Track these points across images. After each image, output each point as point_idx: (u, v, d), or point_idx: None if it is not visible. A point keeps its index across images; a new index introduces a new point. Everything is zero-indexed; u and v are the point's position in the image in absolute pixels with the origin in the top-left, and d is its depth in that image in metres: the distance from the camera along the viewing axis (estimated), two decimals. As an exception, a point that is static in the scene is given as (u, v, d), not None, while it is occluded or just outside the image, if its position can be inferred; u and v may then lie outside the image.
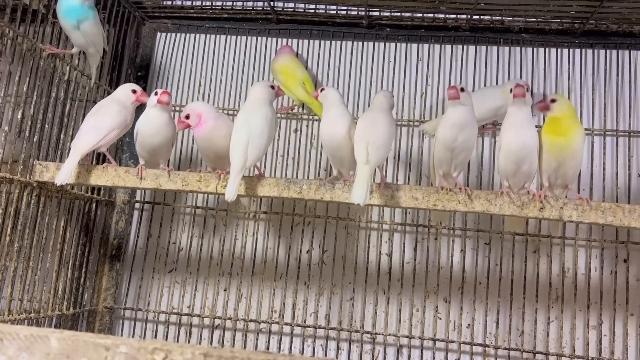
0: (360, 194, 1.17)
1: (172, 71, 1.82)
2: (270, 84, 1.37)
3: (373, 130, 1.25)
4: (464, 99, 1.27)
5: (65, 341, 0.70)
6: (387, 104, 1.33)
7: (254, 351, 0.74)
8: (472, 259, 1.59)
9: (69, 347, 0.70)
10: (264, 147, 1.30)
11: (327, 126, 1.33)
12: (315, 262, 1.65)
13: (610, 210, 1.24)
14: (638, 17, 1.53)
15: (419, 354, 1.57)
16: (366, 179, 1.18)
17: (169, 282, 1.70)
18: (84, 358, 0.70)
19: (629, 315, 1.51)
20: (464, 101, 1.27)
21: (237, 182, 1.23)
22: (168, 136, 1.40)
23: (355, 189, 1.18)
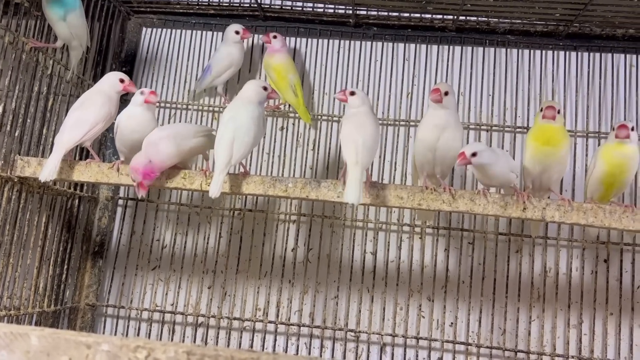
0: (354, 194, 1.17)
1: (158, 67, 1.80)
2: (263, 85, 1.36)
3: (361, 131, 1.25)
4: (447, 102, 1.28)
5: (46, 339, 0.69)
6: (368, 104, 1.34)
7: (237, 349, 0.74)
8: (455, 258, 1.60)
9: (49, 345, 0.69)
10: (250, 145, 1.29)
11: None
12: (300, 261, 1.65)
13: (592, 211, 1.25)
14: (621, 21, 1.56)
15: (402, 353, 1.57)
16: (358, 179, 1.19)
17: (152, 279, 1.68)
18: (65, 356, 0.69)
19: (608, 315, 1.53)
20: (447, 104, 1.28)
21: (221, 179, 1.23)
22: (148, 133, 1.38)
23: (348, 189, 1.18)
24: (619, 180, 1.29)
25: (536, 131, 1.31)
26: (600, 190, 1.32)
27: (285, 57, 1.65)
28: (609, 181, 1.29)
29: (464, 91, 1.69)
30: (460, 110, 1.67)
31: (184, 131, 1.36)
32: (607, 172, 1.29)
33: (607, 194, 1.32)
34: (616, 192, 1.32)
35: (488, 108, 1.67)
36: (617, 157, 1.29)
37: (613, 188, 1.30)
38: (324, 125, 1.72)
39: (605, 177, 1.30)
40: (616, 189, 1.31)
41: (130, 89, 1.41)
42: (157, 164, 1.29)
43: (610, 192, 1.31)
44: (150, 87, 1.78)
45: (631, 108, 1.63)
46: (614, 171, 1.29)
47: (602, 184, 1.31)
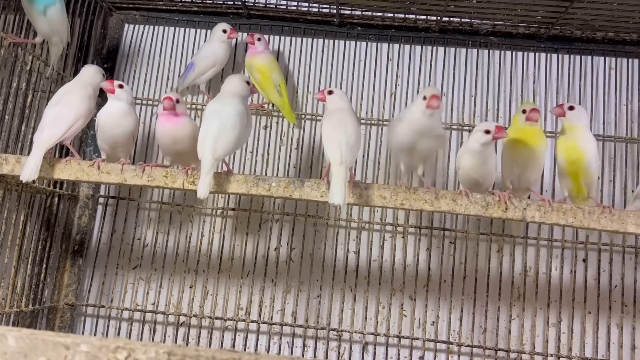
0: (339, 194, 1.16)
1: (140, 64, 1.78)
2: (246, 79, 1.36)
3: (344, 130, 1.25)
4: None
5: (23, 340, 0.68)
6: (347, 102, 1.34)
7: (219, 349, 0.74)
8: (437, 257, 1.61)
9: (27, 346, 0.68)
10: (235, 142, 1.28)
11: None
12: (282, 260, 1.65)
13: (571, 211, 1.27)
14: (601, 24, 1.58)
15: (384, 351, 1.58)
16: (344, 179, 1.18)
17: (133, 278, 1.67)
18: (43, 357, 0.68)
19: (586, 314, 1.56)
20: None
21: (209, 179, 1.21)
22: (129, 129, 1.37)
23: (333, 190, 1.17)
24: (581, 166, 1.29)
25: (516, 132, 1.32)
26: (570, 184, 1.32)
27: (269, 57, 1.64)
28: (572, 170, 1.30)
29: (446, 92, 1.70)
30: (443, 111, 1.68)
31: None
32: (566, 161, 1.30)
33: (578, 186, 1.32)
34: (585, 181, 1.31)
35: (470, 109, 1.69)
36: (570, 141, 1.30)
37: (579, 177, 1.30)
38: (308, 124, 1.72)
39: (567, 166, 1.30)
40: (583, 177, 1.30)
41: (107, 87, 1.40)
42: None
43: (579, 182, 1.31)
44: (132, 84, 1.76)
45: (610, 110, 1.66)
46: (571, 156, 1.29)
47: (568, 176, 1.31)
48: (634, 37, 1.64)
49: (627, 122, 1.64)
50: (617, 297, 1.56)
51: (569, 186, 1.33)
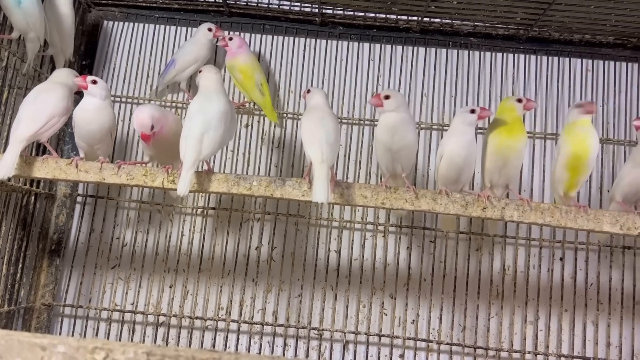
0: (322, 193, 1.17)
1: (119, 61, 1.76)
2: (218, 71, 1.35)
3: (324, 129, 1.25)
4: (388, 105, 1.29)
5: (-2, 341, 0.67)
6: (326, 101, 1.35)
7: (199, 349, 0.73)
8: (417, 256, 1.63)
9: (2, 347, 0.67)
10: (220, 141, 1.27)
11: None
12: (264, 259, 1.64)
13: (549, 211, 1.29)
14: (578, 27, 1.61)
15: (364, 350, 1.59)
16: (325, 177, 1.19)
17: (111, 278, 1.65)
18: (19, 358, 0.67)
19: (563, 311, 1.58)
20: (389, 107, 1.29)
21: (189, 177, 1.20)
22: (106, 126, 1.35)
23: (316, 188, 1.18)
24: (584, 162, 1.31)
25: (500, 123, 1.33)
26: (568, 178, 1.33)
27: (250, 57, 1.63)
28: (575, 164, 1.32)
29: (427, 92, 1.71)
30: (424, 111, 1.70)
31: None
32: (571, 154, 1.31)
33: (574, 181, 1.33)
34: (581, 178, 1.33)
35: (451, 109, 1.70)
36: (582, 134, 1.31)
37: (578, 174, 1.32)
38: (290, 123, 1.72)
39: (570, 159, 1.31)
40: (580, 174, 1.32)
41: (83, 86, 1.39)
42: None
43: (577, 177, 1.33)
44: (112, 81, 1.74)
45: (587, 111, 1.68)
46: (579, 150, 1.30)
47: (567, 170, 1.32)
48: (610, 40, 1.67)
49: (602, 124, 1.68)
50: (592, 295, 1.59)
51: (565, 181, 1.34)
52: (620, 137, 1.65)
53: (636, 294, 1.58)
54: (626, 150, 1.64)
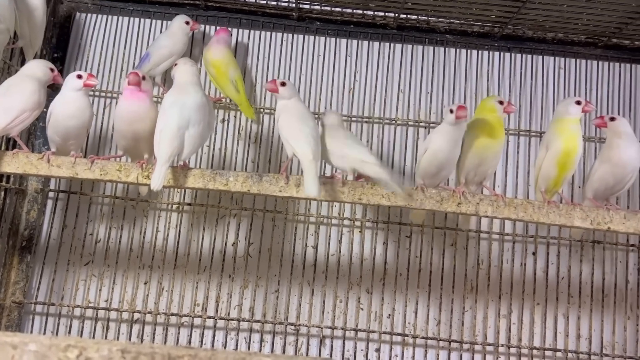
0: (313, 186, 1.20)
1: (92, 54, 1.73)
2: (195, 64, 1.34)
3: (309, 125, 1.26)
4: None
5: (-33, 340, 0.65)
6: (297, 94, 1.36)
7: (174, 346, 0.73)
8: (394, 251, 1.64)
9: (-29, 346, 0.65)
10: (202, 137, 1.26)
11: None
12: (240, 255, 1.64)
13: (522, 206, 1.32)
14: (551, 25, 1.64)
15: (341, 345, 1.60)
16: (316, 172, 1.22)
17: (85, 275, 1.62)
18: (-12, 357, 0.65)
19: (535, 305, 1.62)
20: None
21: (164, 171, 1.19)
22: (85, 121, 1.33)
23: (307, 183, 1.20)
24: (572, 159, 1.33)
25: (482, 123, 1.35)
26: (555, 175, 1.35)
27: (224, 52, 1.61)
28: (563, 160, 1.34)
29: (403, 88, 1.73)
30: (400, 108, 1.71)
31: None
32: (562, 150, 1.33)
33: (560, 178, 1.35)
34: (567, 175, 1.36)
35: (426, 105, 1.71)
36: (573, 131, 1.34)
37: (566, 170, 1.34)
38: (267, 118, 1.71)
39: (560, 156, 1.33)
40: (568, 171, 1.35)
41: (58, 80, 1.36)
42: None
43: (564, 174, 1.35)
44: (84, 74, 1.71)
45: (559, 108, 1.72)
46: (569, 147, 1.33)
47: (556, 166, 1.34)
48: (581, 39, 1.70)
49: (574, 121, 1.71)
50: (563, 288, 1.63)
51: (552, 177, 1.36)
52: (591, 134, 1.69)
53: (605, 287, 1.62)
54: (597, 147, 1.68)
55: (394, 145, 1.69)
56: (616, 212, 1.33)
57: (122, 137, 1.34)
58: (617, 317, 1.61)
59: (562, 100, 1.43)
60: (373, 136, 1.69)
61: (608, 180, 1.37)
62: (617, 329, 1.60)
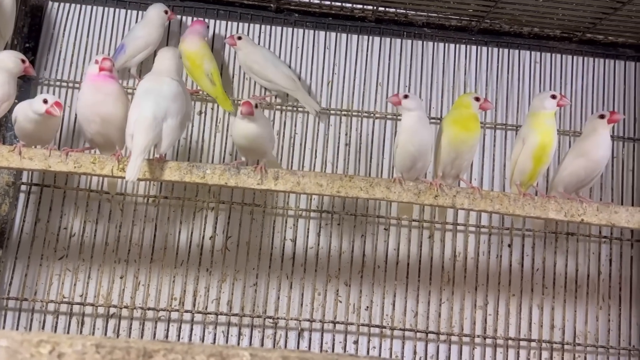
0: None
1: (66, 44, 1.69)
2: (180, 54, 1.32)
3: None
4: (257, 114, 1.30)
5: None
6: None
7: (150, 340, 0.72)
8: (372, 244, 1.65)
9: (-61, 343, 0.63)
10: (180, 129, 1.24)
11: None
12: (218, 249, 1.62)
13: (498, 199, 1.33)
14: (527, 20, 1.65)
15: (319, 337, 1.60)
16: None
17: (59, 269, 1.59)
18: (-43, 354, 0.63)
19: (510, 296, 1.64)
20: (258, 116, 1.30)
21: (139, 162, 1.17)
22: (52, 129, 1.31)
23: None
24: (548, 152, 1.36)
25: (457, 117, 1.36)
26: (530, 168, 1.37)
27: (199, 44, 1.58)
28: (539, 154, 1.36)
29: (382, 81, 1.73)
30: (378, 100, 1.71)
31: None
32: (538, 144, 1.35)
33: (536, 171, 1.37)
34: (542, 168, 1.38)
35: (405, 98, 1.72)
36: (549, 125, 1.36)
37: (541, 164, 1.36)
38: (244, 111, 1.69)
39: (537, 149, 1.35)
40: (543, 164, 1.37)
41: (29, 72, 1.33)
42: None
43: (539, 167, 1.37)
44: (57, 65, 1.67)
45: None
46: (545, 141, 1.35)
47: (532, 159, 1.36)
48: (557, 33, 1.72)
49: (549, 114, 1.73)
50: (538, 279, 1.65)
51: (528, 170, 1.38)
52: (566, 128, 1.71)
53: (578, 278, 1.65)
54: (570, 140, 1.71)
55: (372, 138, 1.69)
56: (589, 204, 1.36)
57: (88, 124, 1.29)
58: (590, 308, 1.64)
59: (538, 95, 1.45)
60: (352, 129, 1.69)
61: (580, 174, 1.40)
62: (590, 319, 1.64)
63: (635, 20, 1.57)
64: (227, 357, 0.67)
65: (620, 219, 1.36)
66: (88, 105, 1.27)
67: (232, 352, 0.67)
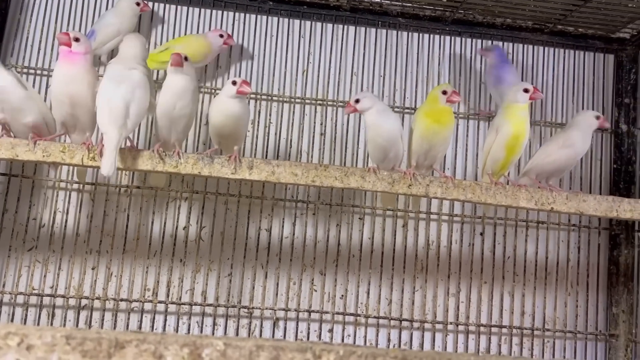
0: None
1: (33, 30, 1.64)
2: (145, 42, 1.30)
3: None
4: (187, 68, 1.27)
5: None
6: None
7: (122, 331, 0.71)
8: (347, 232, 1.65)
9: None
10: (143, 114, 1.23)
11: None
12: (192, 239, 1.61)
13: (470, 188, 1.35)
14: (500, 11, 1.67)
15: (294, 326, 1.60)
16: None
17: (28, 261, 1.56)
18: None
19: (482, 283, 1.67)
20: (186, 71, 1.27)
21: (114, 155, 1.15)
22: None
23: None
24: (520, 143, 1.38)
25: (429, 110, 1.37)
26: (503, 158, 1.39)
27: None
28: (512, 144, 1.37)
29: (357, 71, 1.73)
30: (353, 90, 1.71)
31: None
32: (511, 134, 1.37)
33: (507, 161, 1.40)
34: (514, 158, 1.41)
35: (379, 88, 1.72)
36: (522, 117, 1.38)
37: (513, 154, 1.39)
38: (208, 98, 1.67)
39: (509, 140, 1.37)
40: (515, 154, 1.39)
41: None
42: None
43: (511, 157, 1.39)
44: (24, 52, 1.62)
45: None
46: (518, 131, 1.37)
47: (504, 150, 1.38)
48: (529, 24, 1.74)
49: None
50: (509, 267, 1.69)
51: (501, 160, 1.40)
52: (536, 118, 1.74)
53: (548, 265, 1.69)
54: (541, 130, 1.74)
55: (347, 128, 1.69)
56: (559, 193, 1.39)
57: (59, 104, 1.26)
58: (559, 294, 1.68)
59: (511, 87, 1.46)
60: (327, 118, 1.69)
61: (562, 164, 1.44)
62: (558, 305, 1.68)
63: (604, 12, 1.60)
64: (200, 346, 0.66)
65: (588, 207, 1.39)
66: (56, 84, 1.24)
67: (205, 342, 0.67)
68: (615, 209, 1.39)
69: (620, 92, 1.76)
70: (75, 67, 1.23)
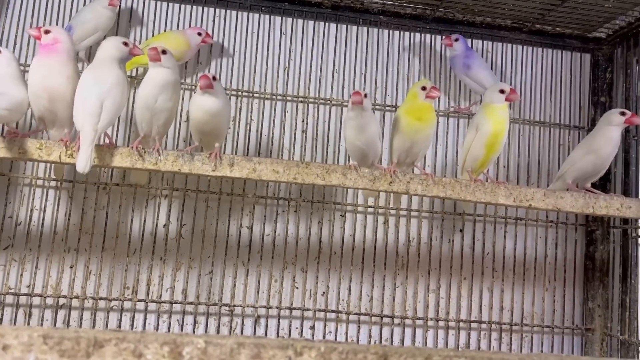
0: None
1: (9, 25, 1.61)
2: (124, 41, 1.27)
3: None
4: (166, 61, 1.27)
5: None
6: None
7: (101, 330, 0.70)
8: (328, 230, 1.66)
9: None
10: (118, 112, 1.22)
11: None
12: (172, 237, 1.60)
13: (450, 185, 1.36)
14: (479, 9, 1.68)
15: (275, 324, 1.60)
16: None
17: (4, 260, 1.53)
18: None
19: (462, 279, 1.69)
20: (167, 64, 1.26)
21: (89, 152, 1.13)
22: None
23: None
24: (499, 141, 1.40)
25: (410, 107, 1.38)
26: (482, 156, 1.41)
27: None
28: (492, 142, 1.39)
29: (338, 68, 1.73)
30: (335, 88, 1.71)
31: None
32: (491, 132, 1.39)
33: (487, 158, 1.41)
34: (494, 156, 1.42)
35: (360, 86, 1.73)
36: (502, 116, 1.40)
37: (493, 151, 1.41)
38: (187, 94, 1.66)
39: (489, 137, 1.39)
40: (495, 152, 1.41)
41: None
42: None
43: (490, 155, 1.41)
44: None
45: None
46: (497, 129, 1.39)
47: (484, 147, 1.40)
48: (508, 23, 1.76)
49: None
50: (488, 263, 1.71)
51: (480, 158, 1.41)
52: (515, 116, 1.76)
53: (526, 261, 1.71)
54: (519, 128, 1.76)
55: (329, 125, 1.69)
56: (537, 190, 1.41)
57: (36, 99, 1.24)
58: (537, 290, 1.71)
59: (490, 87, 1.48)
60: (308, 116, 1.69)
61: (588, 171, 1.46)
62: (536, 301, 1.71)
63: (581, 12, 1.62)
64: (181, 344, 0.66)
65: (565, 204, 1.41)
66: (33, 78, 1.23)
67: (186, 340, 0.66)
68: (592, 205, 1.42)
69: (596, 91, 1.79)
70: (52, 60, 1.22)
